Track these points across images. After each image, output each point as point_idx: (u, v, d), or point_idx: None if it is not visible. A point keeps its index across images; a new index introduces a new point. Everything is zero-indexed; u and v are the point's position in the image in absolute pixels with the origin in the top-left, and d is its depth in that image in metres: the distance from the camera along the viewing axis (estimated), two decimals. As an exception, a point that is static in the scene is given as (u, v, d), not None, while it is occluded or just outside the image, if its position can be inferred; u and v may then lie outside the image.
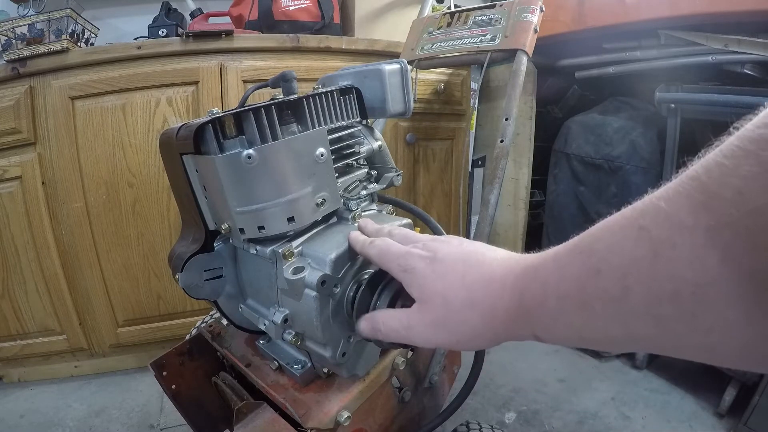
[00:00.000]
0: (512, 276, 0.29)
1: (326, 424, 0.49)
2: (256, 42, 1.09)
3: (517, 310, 0.28)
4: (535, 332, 0.28)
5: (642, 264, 0.19)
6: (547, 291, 0.25)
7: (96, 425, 1.00)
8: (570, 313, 0.23)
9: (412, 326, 0.34)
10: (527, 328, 0.28)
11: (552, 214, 1.27)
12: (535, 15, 0.89)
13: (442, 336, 0.32)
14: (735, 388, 0.93)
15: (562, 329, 0.25)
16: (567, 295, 0.23)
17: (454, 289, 0.31)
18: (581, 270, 0.23)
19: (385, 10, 1.39)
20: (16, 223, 1.02)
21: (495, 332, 0.30)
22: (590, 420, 0.98)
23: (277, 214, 0.46)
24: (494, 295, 0.29)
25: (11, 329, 1.09)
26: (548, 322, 0.26)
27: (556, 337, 0.26)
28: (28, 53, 0.94)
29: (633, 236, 0.20)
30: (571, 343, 0.26)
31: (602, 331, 0.22)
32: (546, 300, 0.25)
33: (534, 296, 0.26)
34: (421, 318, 0.33)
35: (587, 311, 0.22)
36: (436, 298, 0.32)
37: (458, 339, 0.31)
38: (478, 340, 0.31)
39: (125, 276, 1.10)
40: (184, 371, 0.69)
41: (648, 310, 0.19)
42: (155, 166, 1.06)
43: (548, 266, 0.26)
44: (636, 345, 0.22)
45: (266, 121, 0.45)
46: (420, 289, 0.33)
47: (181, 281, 0.50)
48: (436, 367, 0.68)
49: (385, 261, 0.38)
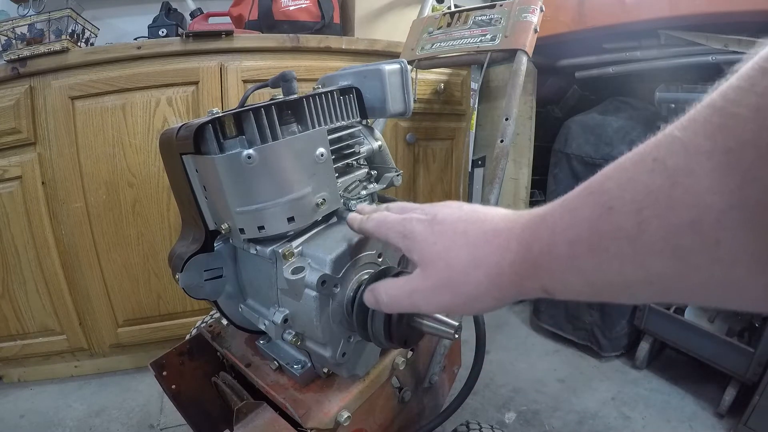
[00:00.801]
0: (517, 228, 0.27)
1: (326, 424, 0.49)
2: (256, 42, 1.09)
3: (524, 262, 0.26)
4: (544, 285, 0.26)
5: (658, 196, 0.18)
6: (556, 237, 0.24)
7: (96, 425, 1.00)
8: (582, 257, 0.22)
9: (415, 291, 0.32)
10: (535, 282, 0.26)
11: (552, 214, 1.27)
12: (535, 15, 0.89)
13: (446, 298, 0.30)
14: (735, 388, 0.93)
15: (573, 277, 0.23)
16: (578, 239, 0.22)
17: (456, 249, 0.30)
18: (593, 210, 0.21)
19: (385, 10, 1.39)
20: (16, 223, 1.02)
21: (502, 290, 0.28)
22: (590, 420, 0.98)
23: (277, 214, 0.46)
24: (499, 250, 0.28)
25: (11, 329, 1.09)
26: (558, 271, 0.24)
27: (567, 287, 0.25)
28: (28, 53, 0.94)
29: (647, 169, 0.19)
30: (583, 293, 0.24)
31: (617, 273, 0.21)
32: (555, 247, 0.24)
33: (542, 245, 0.25)
34: (424, 281, 0.32)
35: (601, 253, 0.21)
36: (438, 261, 0.30)
37: (464, 300, 0.29)
38: (485, 300, 0.29)
39: (125, 276, 1.10)
40: (184, 371, 0.69)
41: (666, 244, 0.18)
42: (155, 166, 1.06)
43: (556, 212, 0.24)
44: (652, 289, 0.20)
45: (266, 121, 0.45)
46: (421, 253, 0.32)
47: (181, 281, 0.50)
48: (436, 367, 0.68)
49: (384, 230, 0.36)
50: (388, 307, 0.35)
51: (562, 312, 1.26)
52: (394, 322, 0.44)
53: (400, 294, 0.34)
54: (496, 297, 0.29)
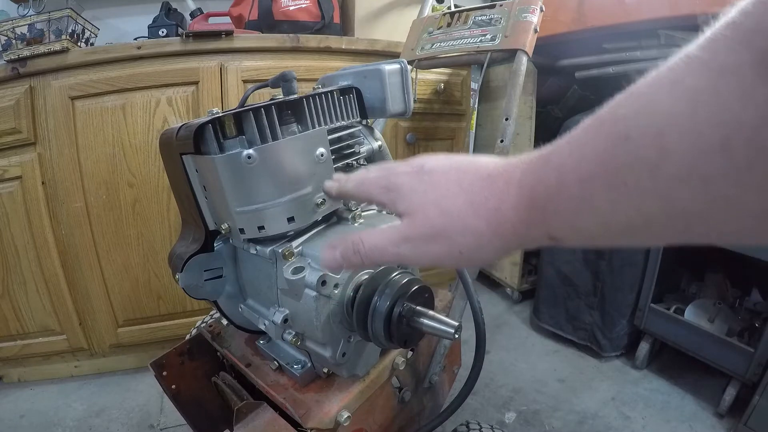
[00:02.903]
0: (518, 171, 0.25)
1: (326, 424, 0.49)
2: (256, 42, 1.09)
3: (528, 207, 0.24)
4: (550, 231, 0.23)
5: (680, 119, 0.16)
6: (564, 176, 0.22)
7: (96, 425, 1.00)
8: (596, 195, 0.20)
9: (403, 240, 0.28)
10: (541, 228, 0.24)
11: (552, 214, 1.27)
12: (535, 15, 0.89)
13: (440, 249, 0.27)
14: (735, 388, 0.93)
15: (586, 219, 0.21)
16: (591, 175, 0.20)
17: (450, 195, 0.26)
18: (606, 141, 0.19)
19: (385, 10, 1.39)
20: (16, 223, 1.02)
21: (503, 239, 0.25)
22: (590, 420, 0.98)
23: (277, 214, 0.46)
24: (499, 195, 0.25)
25: (11, 329, 1.09)
26: (568, 214, 0.22)
27: (578, 232, 0.22)
28: (28, 53, 0.94)
29: (665, 92, 0.17)
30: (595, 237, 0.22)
31: (636, 209, 0.19)
32: (564, 187, 0.21)
33: (548, 186, 0.22)
34: (414, 229, 0.28)
35: (618, 188, 0.19)
36: (431, 208, 0.27)
37: (460, 250, 0.26)
38: (485, 250, 0.26)
39: (125, 276, 1.10)
40: (184, 371, 0.69)
41: (692, 172, 0.16)
42: (155, 166, 1.06)
43: (563, 150, 0.22)
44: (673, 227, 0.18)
45: (266, 121, 0.45)
46: (409, 202, 0.28)
47: (181, 281, 0.50)
48: (436, 367, 0.68)
49: (365, 189, 0.32)
50: (367, 257, 0.30)
51: (562, 312, 1.26)
52: (394, 322, 0.44)
53: (383, 243, 0.29)
54: (496, 247, 0.26)
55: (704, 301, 1.08)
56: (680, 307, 1.08)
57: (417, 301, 0.46)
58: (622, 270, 1.12)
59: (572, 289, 1.22)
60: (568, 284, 1.23)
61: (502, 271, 1.56)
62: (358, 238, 0.30)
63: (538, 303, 1.32)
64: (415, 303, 0.45)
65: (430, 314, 0.45)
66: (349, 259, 0.30)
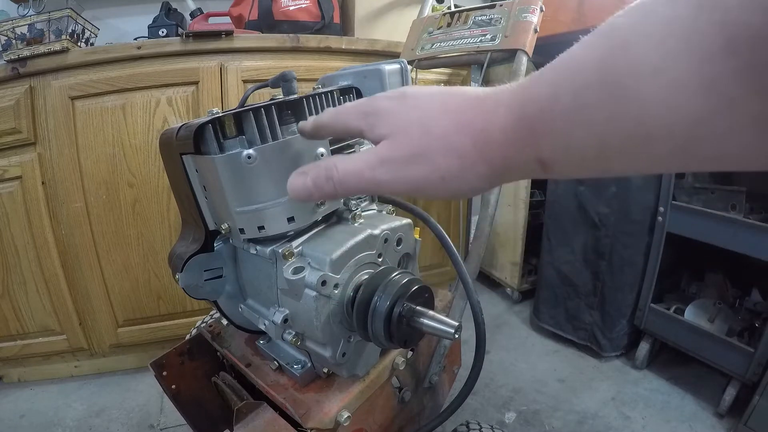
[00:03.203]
0: (505, 93, 0.23)
1: (326, 424, 0.49)
2: (256, 42, 1.09)
3: (518, 126, 0.22)
4: (540, 154, 0.22)
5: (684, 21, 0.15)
6: (558, 89, 0.20)
7: (96, 425, 1.00)
8: (592, 105, 0.19)
9: (380, 162, 0.25)
10: (530, 150, 0.22)
11: (552, 214, 1.27)
12: (535, 15, 0.89)
13: (420, 172, 0.24)
14: (735, 388, 0.93)
15: (579, 135, 0.19)
16: (587, 84, 0.19)
17: (435, 116, 0.25)
18: (604, 49, 0.18)
19: (385, 10, 1.39)
20: (16, 223, 1.02)
21: (489, 164, 0.23)
22: (590, 420, 0.98)
23: (277, 214, 0.46)
24: (487, 115, 0.23)
25: (11, 329, 1.09)
26: (561, 129, 0.20)
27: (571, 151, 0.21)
28: (28, 53, 0.94)
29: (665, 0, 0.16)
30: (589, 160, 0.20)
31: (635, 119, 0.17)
32: (557, 101, 0.20)
33: (539, 103, 0.21)
34: (393, 150, 0.25)
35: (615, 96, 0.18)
36: (413, 128, 0.25)
37: (442, 175, 0.24)
38: (469, 176, 0.24)
39: (125, 276, 1.10)
40: (184, 371, 0.69)
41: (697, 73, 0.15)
42: (155, 166, 1.06)
43: (556, 65, 0.21)
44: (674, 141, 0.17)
45: (266, 121, 0.45)
46: (390, 124, 0.26)
47: (181, 281, 0.50)
48: (436, 367, 0.68)
49: (341, 117, 0.30)
50: (341, 183, 0.27)
51: (562, 312, 1.26)
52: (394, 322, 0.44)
53: (359, 167, 0.26)
54: (481, 174, 0.24)
55: (704, 301, 1.08)
56: (680, 307, 1.08)
57: (417, 301, 0.46)
58: (622, 270, 1.12)
59: (572, 289, 1.22)
60: (568, 284, 1.23)
61: (502, 271, 1.56)
62: (332, 162, 0.27)
63: (538, 303, 1.32)
64: (415, 303, 0.45)
65: (430, 314, 0.45)
66: (321, 186, 0.28)
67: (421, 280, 0.48)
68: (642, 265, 1.10)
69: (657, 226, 1.06)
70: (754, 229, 0.87)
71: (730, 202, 0.94)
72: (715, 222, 0.94)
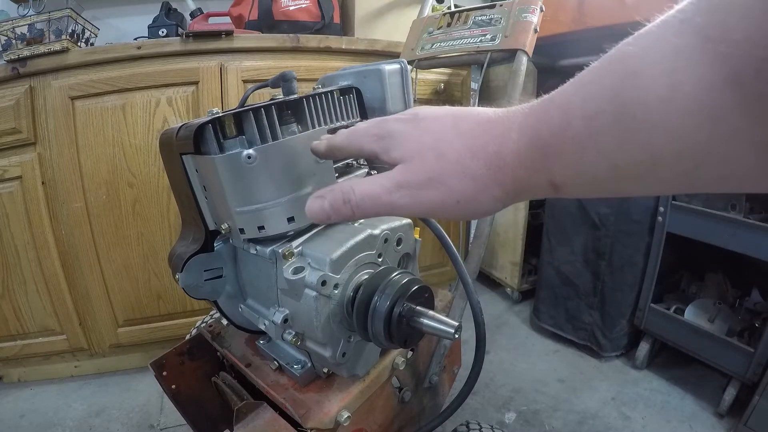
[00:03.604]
0: (519, 115, 0.24)
1: (326, 424, 0.49)
2: (256, 42, 1.09)
3: (530, 150, 0.23)
4: (552, 177, 0.22)
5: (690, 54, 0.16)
6: (569, 114, 0.21)
7: (96, 425, 1.00)
8: (602, 132, 0.19)
9: (396, 187, 0.26)
10: (543, 173, 0.23)
11: (552, 214, 1.27)
12: (535, 15, 0.89)
13: (436, 196, 0.25)
14: (735, 388, 0.93)
15: (590, 159, 0.20)
16: (599, 111, 0.19)
17: (448, 140, 0.25)
18: (615, 78, 0.19)
19: (385, 10, 1.39)
20: (16, 223, 1.02)
21: (502, 186, 0.24)
22: (590, 420, 0.98)
23: (277, 214, 0.46)
24: (499, 139, 0.24)
25: (11, 329, 1.09)
26: (573, 154, 0.21)
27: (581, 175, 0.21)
28: (28, 53, 0.94)
29: (673, 30, 0.17)
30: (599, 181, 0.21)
31: (644, 146, 0.18)
32: (570, 126, 0.21)
33: (552, 126, 0.21)
34: (408, 175, 0.26)
35: (625, 123, 0.18)
36: (427, 152, 0.26)
37: (457, 198, 0.25)
38: (483, 199, 0.25)
39: (125, 276, 1.10)
40: (184, 371, 0.69)
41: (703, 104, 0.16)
42: (155, 166, 1.06)
43: (567, 90, 0.22)
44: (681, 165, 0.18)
45: (266, 121, 0.45)
46: (404, 148, 0.27)
47: (181, 281, 0.50)
48: (436, 367, 0.68)
49: (355, 139, 0.31)
50: (359, 207, 0.28)
51: (562, 312, 1.26)
52: (394, 322, 0.44)
53: (376, 192, 0.27)
54: (495, 196, 0.25)
55: (704, 301, 1.08)
56: (680, 307, 1.08)
57: (417, 301, 0.46)
58: (622, 270, 1.12)
59: (572, 289, 1.22)
60: (568, 284, 1.23)
61: (502, 271, 1.56)
62: (349, 186, 0.28)
63: (538, 303, 1.32)
64: (415, 303, 0.45)
65: (430, 314, 0.45)
66: (339, 209, 0.28)
67: (421, 280, 0.48)
68: (642, 265, 1.10)
69: (657, 226, 1.06)
70: (754, 229, 0.87)
71: (730, 202, 0.94)
72: (715, 222, 0.94)
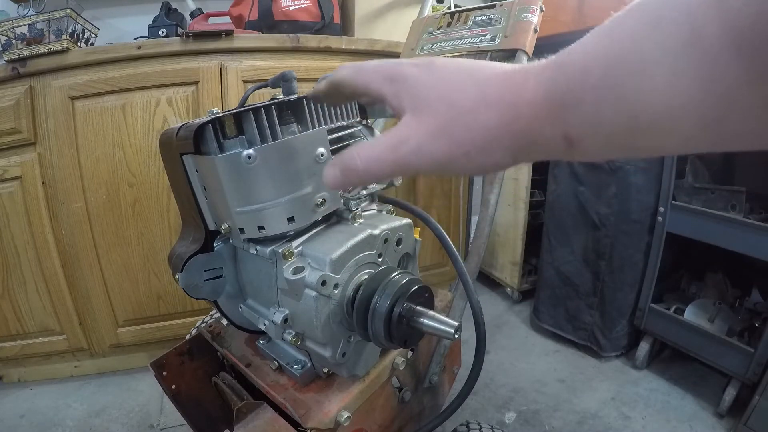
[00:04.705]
0: (536, 67, 0.23)
1: (326, 424, 0.49)
2: (256, 42, 1.09)
3: (546, 100, 0.22)
4: (567, 129, 0.22)
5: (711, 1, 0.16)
6: (589, 63, 0.20)
7: (96, 425, 1.00)
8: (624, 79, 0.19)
9: (403, 141, 0.25)
10: (558, 125, 0.22)
11: (552, 214, 1.27)
12: (535, 15, 0.89)
13: (444, 147, 0.24)
14: (735, 388, 0.93)
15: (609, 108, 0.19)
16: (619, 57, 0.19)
17: (462, 89, 0.24)
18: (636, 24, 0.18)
19: (385, 10, 1.39)
20: (16, 223, 1.02)
21: (514, 138, 0.23)
22: (590, 420, 0.98)
23: (277, 214, 0.46)
24: (516, 89, 0.23)
25: (11, 329, 1.09)
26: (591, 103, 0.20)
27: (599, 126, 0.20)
28: (28, 53, 0.94)
29: None
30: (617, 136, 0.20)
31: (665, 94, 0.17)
32: (588, 74, 0.20)
33: (571, 75, 0.21)
34: (417, 127, 0.25)
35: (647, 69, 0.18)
36: (438, 102, 0.24)
37: (466, 150, 0.24)
38: (492, 151, 0.24)
39: (125, 276, 1.10)
40: (184, 371, 0.69)
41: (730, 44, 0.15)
42: (155, 166, 1.06)
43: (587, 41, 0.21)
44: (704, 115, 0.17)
45: (266, 121, 0.45)
46: (415, 95, 0.25)
47: (181, 281, 0.50)
48: (436, 367, 0.68)
49: (363, 77, 0.28)
50: (367, 172, 0.26)
51: (562, 312, 1.26)
52: (394, 322, 0.44)
53: (382, 151, 0.25)
54: (506, 147, 0.23)
55: (704, 301, 1.08)
56: (680, 307, 1.08)
57: (417, 301, 0.46)
58: (622, 270, 1.12)
59: (572, 289, 1.22)
60: (568, 284, 1.23)
61: (502, 271, 1.56)
62: (355, 152, 0.26)
63: (538, 303, 1.32)
64: (415, 303, 0.45)
65: (430, 314, 0.45)
66: (348, 176, 0.27)
67: (421, 280, 0.48)
68: (642, 265, 1.10)
69: (657, 226, 1.06)
70: (754, 229, 0.87)
71: (730, 202, 0.94)
72: (715, 222, 0.94)
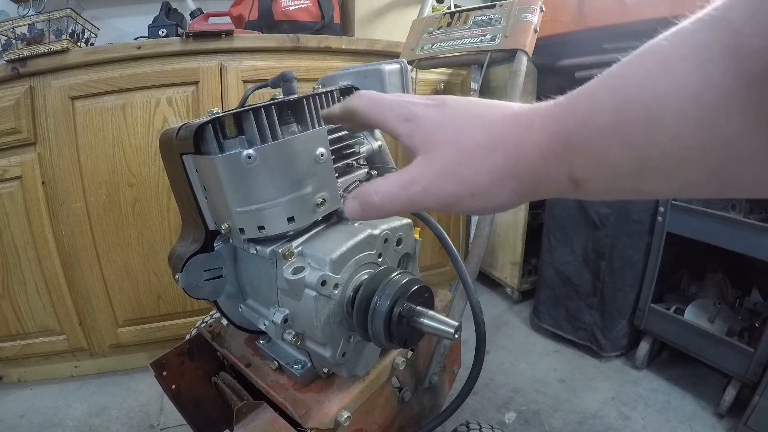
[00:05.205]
0: (543, 108, 0.24)
1: (326, 424, 0.49)
2: (256, 42, 1.09)
3: (552, 141, 0.22)
4: (573, 171, 0.22)
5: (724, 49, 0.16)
6: (596, 106, 0.20)
7: (96, 425, 1.00)
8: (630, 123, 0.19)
9: (414, 181, 0.26)
10: (563, 167, 0.22)
11: (552, 214, 1.27)
12: (535, 15, 0.89)
13: (452, 187, 0.25)
14: (735, 388, 0.93)
15: (616, 151, 0.20)
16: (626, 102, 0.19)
17: (470, 131, 0.25)
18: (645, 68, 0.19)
19: (385, 10, 1.39)
20: (16, 223, 1.02)
21: (519, 179, 0.24)
22: (590, 420, 0.98)
23: (277, 214, 0.46)
24: (522, 130, 0.24)
25: (11, 329, 1.09)
26: (597, 146, 0.20)
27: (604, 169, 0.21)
28: (28, 53, 0.94)
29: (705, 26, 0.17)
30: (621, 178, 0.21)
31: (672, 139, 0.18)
32: (595, 117, 0.20)
33: (577, 117, 0.21)
34: (427, 168, 0.26)
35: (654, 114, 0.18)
36: (447, 145, 0.26)
37: (473, 191, 0.25)
38: (498, 192, 0.24)
39: (125, 276, 1.10)
40: (184, 371, 0.69)
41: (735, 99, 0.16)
42: (155, 166, 1.06)
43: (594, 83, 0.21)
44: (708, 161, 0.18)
45: (266, 121, 0.45)
46: (425, 136, 0.27)
47: (181, 281, 0.50)
48: (436, 367, 0.68)
49: (378, 110, 0.30)
50: (382, 208, 0.28)
51: (562, 312, 1.26)
52: (394, 322, 0.44)
53: (394, 189, 0.27)
54: (512, 189, 0.24)
55: (704, 301, 1.08)
56: (680, 307, 1.08)
57: (417, 301, 0.46)
58: (622, 270, 1.12)
59: (572, 289, 1.22)
60: (568, 284, 1.23)
61: (502, 271, 1.56)
62: (373, 188, 0.28)
63: (538, 303, 1.32)
64: (415, 303, 0.45)
65: (430, 314, 0.45)
66: (368, 210, 0.29)
67: (421, 280, 0.48)
68: (642, 265, 1.10)
69: (657, 226, 1.06)
70: (754, 229, 0.87)
71: (729, 202, 0.94)
72: (715, 222, 0.94)
